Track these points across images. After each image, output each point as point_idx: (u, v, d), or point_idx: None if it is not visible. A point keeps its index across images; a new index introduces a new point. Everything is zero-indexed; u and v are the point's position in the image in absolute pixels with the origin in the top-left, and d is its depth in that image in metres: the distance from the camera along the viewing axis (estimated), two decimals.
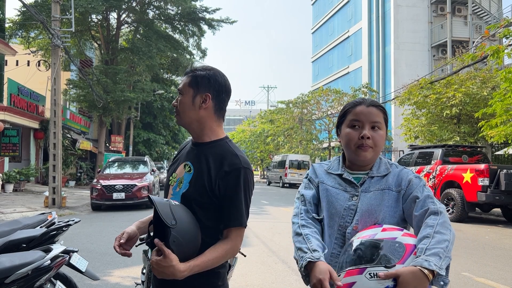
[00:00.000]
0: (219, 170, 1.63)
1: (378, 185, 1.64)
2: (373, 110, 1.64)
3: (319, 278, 1.41)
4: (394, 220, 1.58)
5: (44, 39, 23.05)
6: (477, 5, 29.09)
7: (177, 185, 1.71)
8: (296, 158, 28.76)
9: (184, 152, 1.82)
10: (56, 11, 13.24)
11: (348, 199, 1.64)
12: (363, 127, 1.63)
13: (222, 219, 1.64)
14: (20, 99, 18.76)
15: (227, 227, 1.64)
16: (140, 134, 32.35)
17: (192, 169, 1.69)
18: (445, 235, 1.41)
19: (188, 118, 1.71)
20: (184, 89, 1.72)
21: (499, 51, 9.63)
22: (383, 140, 1.65)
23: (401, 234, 1.46)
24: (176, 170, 1.77)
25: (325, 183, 1.72)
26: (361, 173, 1.68)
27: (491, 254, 6.94)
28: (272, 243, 7.65)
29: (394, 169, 1.68)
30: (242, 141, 50.90)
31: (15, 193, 16.38)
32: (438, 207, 1.51)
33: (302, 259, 1.52)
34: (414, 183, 1.60)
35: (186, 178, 1.69)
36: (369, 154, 1.63)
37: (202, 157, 1.69)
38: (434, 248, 1.38)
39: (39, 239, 2.99)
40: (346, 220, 1.62)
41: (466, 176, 10.79)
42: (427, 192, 1.56)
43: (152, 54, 23.87)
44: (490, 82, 15.80)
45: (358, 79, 33.17)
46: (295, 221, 1.69)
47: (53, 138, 13.07)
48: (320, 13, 43.15)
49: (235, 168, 1.63)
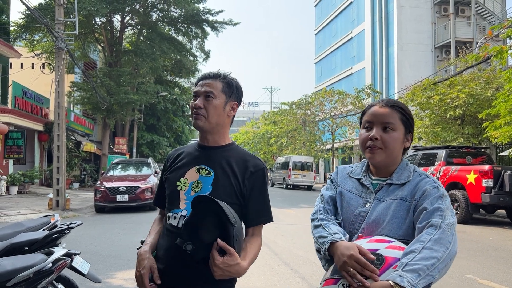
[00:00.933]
0: (245, 171, 1.74)
1: (393, 194, 1.55)
2: (386, 110, 1.58)
3: (349, 253, 1.36)
4: (402, 232, 1.48)
5: (48, 42, 23.17)
6: (480, 6, 28.99)
7: (192, 189, 1.72)
8: (300, 159, 28.72)
9: (188, 157, 1.81)
10: (60, 14, 13.31)
11: (361, 205, 1.59)
12: (373, 128, 1.58)
13: (250, 216, 1.75)
14: (24, 101, 18.86)
15: (257, 224, 1.77)
16: (144, 136, 32.43)
17: (212, 171, 1.73)
18: (435, 252, 1.32)
19: (214, 121, 1.75)
20: (217, 93, 1.74)
21: (503, 52, 9.60)
22: (395, 141, 1.56)
23: (385, 246, 1.40)
24: (183, 175, 1.75)
25: (343, 186, 1.68)
26: (381, 179, 1.62)
27: (495, 256, 6.90)
28: (275, 245, 7.65)
29: (416, 178, 1.57)
30: (245, 142, 50.89)
31: (19, 195, 16.46)
32: (442, 222, 1.39)
33: (324, 244, 1.48)
34: (429, 193, 1.49)
35: (206, 181, 1.72)
36: (379, 156, 1.56)
37: (222, 159, 1.75)
38: (416, 264, 1.29)
39: (41, 242, 3.00)
40: (355, 227, 1.57)
41: (470, 177, 10.75)
42: (440, 205, 1.44)
43: (156, 56, 23.96)
44: (494, 83, 15.73)
45: (361, 80, 33.13)
46: (314, 217, 1.66)
47: (57, 140, 13.12)
48: (323, 15, 43.15)
49: (260, 168, 1.77)
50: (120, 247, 7.20)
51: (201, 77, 1.81)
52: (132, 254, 6.27)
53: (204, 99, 1.73)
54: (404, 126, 1.59)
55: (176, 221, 1.70)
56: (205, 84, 1.76)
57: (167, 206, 1.79)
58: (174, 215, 1.72)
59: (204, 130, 1.77)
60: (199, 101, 1.73)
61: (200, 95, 1.75)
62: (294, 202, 17.22)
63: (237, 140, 53.55)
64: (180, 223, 1.68)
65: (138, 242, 2.68)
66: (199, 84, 1.79)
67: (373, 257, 1.35)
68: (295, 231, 9.42)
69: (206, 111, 1.73)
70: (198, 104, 1.73)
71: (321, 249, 1.51)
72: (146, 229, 2.03)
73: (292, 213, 13.22)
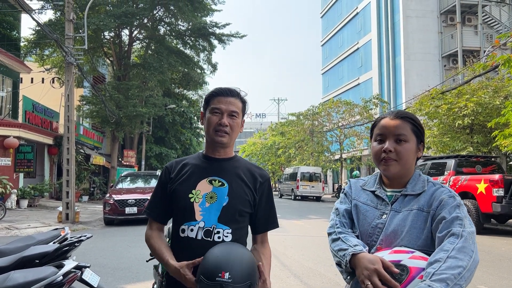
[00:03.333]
0: (255, 181, 1.87)
1: (409, 205, 1.55)
2: (398, 122, 1.58)
3: (373, 268, 1.35)
4: (421, 242, 1.47)
5: (58, 56, 23.55)
6: (487, 14, 28.96)
7: (206, 200, 1.76)
8: (308, 170, 28.64)
9: (195, 169, 1.84)
10: (70, 29, 13.54)
11: (378, 217, 1.58)
12: (386, 141, 1.58)
13: (260, 223, 1.89)
14: (34, 115, 19.11)
15: (266, 230, 1.92)
16: (152, 149, 32.59)
17: (226, 183, 1.80)
18: (460, 261, 1.30)
19: (234, 138, 1.87)
20: (239, 113, 1.85)
21: (511, 60, 9.55)
22: (408, 152, 1.56)
23: (408, 257, 1.39)
24: (195, 186, 1.79)
25: (357, 199, 1.68)
26: (395, 190, 1.62)
27: (508, 267, 6.80)
28: (284, 256, 7.61)
29: (430, 188, 1.57)
30: (253, 153, 50.86)
31: (29, 208, 16.59)
32: (463, 230, 1.38)
33: (345, 256, 1.47)
34: (446, 203, 1.48)
35: (220, 192, 1.78)
36: (394, 168, 1.57)
37: (233, 171, 1.85)
38: (443, 273, 1.27)
39: (52, 254, 3.03)
40: (373, 239, 1.56)
41: (481, 187, 10.64)
42: (458, 213, 1.43)
43: (164, 69, 24.20)
44: (502, 91, 15.64)
45: (368, 90, 33.10)
46: (331, 231, 1.65)
47: (67, 154, 13.25)
48: (329, 26, 43.35)
49: (266, 178, 1.92)
50: (129, 260, 7.21)
51: (220, 93, 1.85)
52: (141, 267, 6.28)
53: (229, 118, 1.82)
54: (415, 136, 1.60)
55: (194, 233, 1.74)
56: (229, 102, 1.83)
57: (177, 219, 1.81)
58: (191, 228, 1.75)
59: (224, 146, 1.85)
60: (226, 119, 1.80)
61: (224, 112, 1.81)
62: (303, 213, 17.13)
63: (245, 151, 53.55)
64: (199, 235, 1.73)
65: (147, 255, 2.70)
66: (221, 101, 1.82)
67: (397, 271, 1.34)
68: (304, 242, 9.36)
69: (231, 129, 1.82)
70: (225, 122, 1.80)
71: (342, 262, 1.49)
72: None
73: (301, 224, 13.15)
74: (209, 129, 1.82)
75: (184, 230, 1.76)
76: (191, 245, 1.72)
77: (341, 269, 1.52)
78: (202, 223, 1.74)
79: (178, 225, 1.79)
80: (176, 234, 1.81)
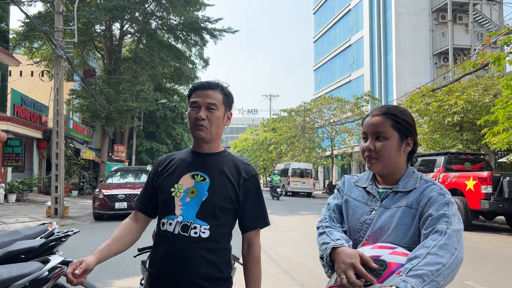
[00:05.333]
0: (239, 177, 1.80)
1: (399, 202, 1.54)
2: (377, 120, 1.58)
3: (349, 262, 1.34)
4: (408, 239, 1.46)
5: (47, 49, 23.24)
6: (478, 13, 29.18)
7: (187, 195, 1.74)
8: (299, 166, 28.73)
9: (181, 163, 1.83)
10: (59, 22, 13.36)
11: (367, 213, 1.58)
12: (368, 139, 1.60)
13: (247, 221, 1.82)
14: (23, 109, 18.87)
15: (254, 228, 1.84)
16: (143, 143, 32.43)
17: (207, 177, 1.77)
18: (440, 258, 1.28)
19: (216, 132, 1.80)
20: (218, 105, 1.79)
21: (500, 59, 9.62)
22: (388, 149, 1.55)
23: (388, 252, 1.39)
24: (178, 181, 1.77)
25: (349, 195, 1.69)
26: (387, 187, 1.61)
27: (495, 263, 6.88)
28: (274, 252, 7.62)
29: (422, 185, 1.55)
30: (245, 149, 50.87)
31: (17, 203, 16.41)
32: (448, 228, 1.37)
33: (326, 250, 1.47)
34: (435, 200, 1.46)
35: (201, 187, 1.75)
36: (376, 166, 1.57)
37: (216, 166, 1.80)
38: (421, 269, 1.26)
39: (37, 250, 2.98)
40: (360, 234, 1.56)
41: (469, 184, 10.75)
42: (446, 211, 1.41)
43: (155, 64, 24.03)
44: (492, 90, 15.79)
45: (360, 87, 33.23)
46: (319, 225, 1.65)
47: (56, 148, 13.11)
48: (321, 22, 43.37)
49: (253, 175, 1.84)
50: (118, 255, 7.15)
51: (198, 87, 1.82)
52: (131, 262, 6.25)
53: (207, 111, 1.76)
54: (398, 132, 1.57)
55: (172, 227, 1.72)
56: (206, 95, 1.78)
57: (161, 212, 1.80)
58: (169, 221, 1.73)
59: (205, 141, 1.81)
60: (203, 113, 1.76)
61: (201, 106, 1.77)
62: (294, 209, 17.17)
63: (236, 147, 53.52)
64: (176, 229, 1.71)
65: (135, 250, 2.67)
66: (198, 95, 1.78)
67: (375, 266, 1.33)
68: (294, 238, 9.39)
69: (209, 122, 1.76)
70: (202, 116, 1.75)
71: (324, 257, 1.49)
72: (144, 236, 2.01)
73: (292, 220, 13.19)
74: (189, 124, 1.81)
75: (164, 224, 1.75)
76: (168, 239, 1.72)
77: (323, 263, 1.52)
78: (181, 217, 1.72)
79: (160, 219, 1.80)
80: (158, 228, 1.81)
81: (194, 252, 1.68)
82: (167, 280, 1.71)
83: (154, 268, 1.77)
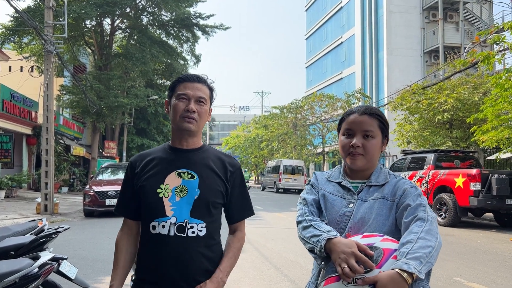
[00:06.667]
0: (226, 171, 1.80)
1: (374, 194, 1.66)
2: (366, 119, 1.67)
3: (350, 251, 1.40)
4: (386, 228, 1.58)
5: (37, 44, 22.98)
6: (468, 12, 29.41)
7: (176, 194, 1.69)
8: (290, 163, 28.78)
9: (162, 162, 1.77)
10: (49, 17, 13.22)
11: (345, 205, 1.66)
12: (354, 136, 1.67)
13: (234, 212, 1.85)
14: (12, 105, 18.66)
15: (243, 218, 1.88)
16: (134, 140, 32.27)
17: (195, 175, 1.73)
18: (429, 241, 1.41)
19: (202, 126, 1.80)
20: (207, 99, 1.79)
21: (490, 57, 9.72)
22: (375, 148, 1.67)
23: (380, 240, 1.48)
24: (163, 180, 1.71)
25: (325, 189, 1.75)
26: (360, 182, 1.71)
27: (483, 259, 6.97)
28: (265, 249, 7.64)
29: (393, 179, 1.69)
30: (236, 146, 50.85)
31: (7, 199, 16.25)
32: (428, 215, 1.51)
33: (319, 242, 1.51)
34: (409, 192, 1.61)
35: (191, 185, 1.71)
36: (360, 161, 1.66)
37: (202, 162, 1.77)
38: (416, 252, 1.37)
39: (27, 246, 2.97)
40: (341, 226, 1.63)
41: (458, 181, 10.86)
42: (421, 201, 1.57)
43: (146, 60, 23.88)
44: (481, 88, 15.93)
45: (351, 85, 33.35)
46: (301, 219, 1.69)
47: (46, 144, 13.00)
48: (313, 19, 43.41)
49: (238, 167, 1.85)
50: (109, 252, 7.14)
51: (187, 78, 1.79)
52: None
53: (196, 104, 1.75)
54: (381, 132, 1.70)
55: (166, 229, 1.67)
56: (196, 88, 1.76)
57: (147, 215, 1.73)
58: (162, 224, 1.68)
59: (192, 134, 1.78)
60: (193, 105, 1.74)
61: (191, 98, 1.74)
62: (285, 206, 17.22)
63: (228, 144, 53.47)
64: (172, 231, 1.66)
65: None
66: (187, 87, 1.76)
67: (372, 253, 1.41)
68: (286, 235, 9.42)
69: (198, 115, 1.75)
70: (193, 108, 1.73)
71: (316, 248, 1.52)
72: None
73: (283, 217, 13.22)
74: (176, 116, 1.74)
75: (155, 227, 1.68)
76: (164, 242, 1.67)
77: (315, 255, 1.56)
78: (174, 218, 1.67)
79: (148, 222, 1.71)
80: (146, 231, 1.72)
81: (194, 251, 1.67)
82: (167, 284, 1.67)
83: (150, 273, 1.71)
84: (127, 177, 1.82)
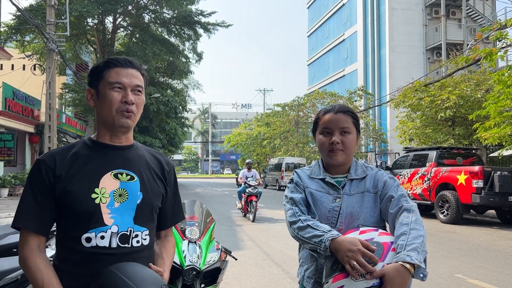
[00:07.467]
0: (163, 171, 1.61)
1: (358, 188, 1.75)
2: (341, 116, 1.75)
3: (356, 248, 1.44)
4: (373, 219, 1.69)
5: (39, 43, 23.02)
6: (471, 8, 29.28)
7: (115, 199, 1.43)
8: (293, 161, 28.78)
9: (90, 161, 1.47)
10: (51, 15, 13.26)
11: (332, 201, 1.73)
12: (332, 133, 1.74)
13: (167, 217, 1.65)
14: (15, 103, 18.72)
15: (175, 223, 1.70)
16: (136, 138, 31.78)
17: (135, 176, 1.50)
18: (419, 231, 1.52)
19: (137, 119, 1.53)
20: (143, 87, 1.53)
21: (492, 54, 9.67)
22: (352, 142, 1.75)
23: (377, 234, 1.55)
24: (97, 184, 1.43)
25: (310, 187, 1.78)
26: (340, 177, 1.79)
27: (485, 256, 6.96)
28: (267, 246, 7.66)
29: (370, 172, 1.79)
30: (238, 144, 50.79)
31: (10, 197, 16.32)
32: (411, 205, 1.63)
33: (322, 242, 1.53)
34: (389, 183, 1.73)
35: (131, 187, 1.47)
36: (340, 157, 1.74)
37: (139, 160, 1.54)
38: (412, 243, 1.47)
39: None
40: (331, 221, 1.69)
41: (461, 178, 10.83)
42: (401, 192, 1.69)
43: (148, 57, 23.89)
44: (484, 85, 15.88)
45: (353, 82, 33.29)
46: (294, 219, 1.71)
47: (48, 142, 13.06)
48: (315, 17, 43.32)
49: (172, 166, 1.67)
50: None
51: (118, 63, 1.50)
52: None
53: (134, 94, 1.48)
54: (355, 127, 1.78)
55: (106, 241, 1.40)
56: (131, 75, 1.49)
57: (77, 227, 1.41)
58: (101, 235, 1.40)
59: (128, 130, 1.53)
60: (132, 96, 1.47)
61: (127, 87, 1.47)
62: None
63: (230, 141, 53.47)
64: (113, 242, 1.41)
65: None
66: (120, 73, 1.47)
67: (374, 248, 1.48)
68: (287, 232, 9.38)
69: (136, 108, 1.50)
70: (132, 99, 1.46)
71: (319, 248, 1.55)
72: None
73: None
74: (111, 109, 1.45)
75: (91, 239, 1.39)
76: (104, 256, 1.39)
77: (317, 254, 1.59)
78: (115, 227, 1.42)
79: (79, 235, 1.40)
80: (73, 248, 1.41)
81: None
82: None
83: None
84: (37, 181, 1.42)
